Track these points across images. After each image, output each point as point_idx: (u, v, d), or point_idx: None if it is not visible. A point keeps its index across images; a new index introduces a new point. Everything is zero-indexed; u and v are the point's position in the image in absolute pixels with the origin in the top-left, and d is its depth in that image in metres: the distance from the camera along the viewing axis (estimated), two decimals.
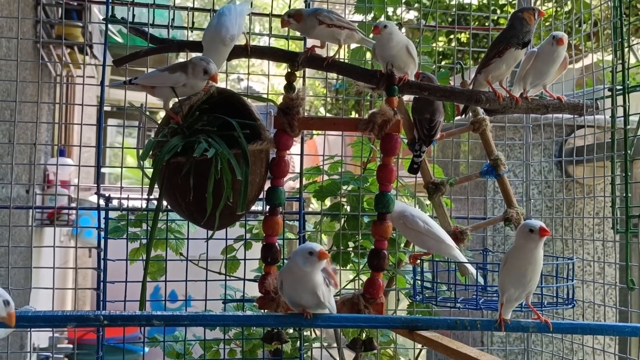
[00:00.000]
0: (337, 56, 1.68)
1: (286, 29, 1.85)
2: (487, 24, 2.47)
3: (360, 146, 2.33)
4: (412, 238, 1.80)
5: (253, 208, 1.97)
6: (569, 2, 2.42)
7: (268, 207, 1.65)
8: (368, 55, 2.28)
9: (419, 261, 1.77)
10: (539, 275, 1.46)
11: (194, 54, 1.73)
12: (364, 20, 2.33)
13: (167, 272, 2.17)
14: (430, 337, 1.53)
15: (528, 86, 1.76)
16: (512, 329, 1.43)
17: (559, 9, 2.45)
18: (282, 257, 1.85)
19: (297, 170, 2.28)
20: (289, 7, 2.13)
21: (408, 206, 1.80)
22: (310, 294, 1.38)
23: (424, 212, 1.85)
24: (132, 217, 2.19)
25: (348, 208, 2.32)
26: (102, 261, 2.08)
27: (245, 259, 2.22)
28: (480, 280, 1.89)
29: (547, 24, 2.42)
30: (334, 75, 1.89)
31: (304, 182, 2.34)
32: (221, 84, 1.88)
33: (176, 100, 1.64)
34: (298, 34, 1.93)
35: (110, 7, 2.09)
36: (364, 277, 2.18)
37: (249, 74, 2.38)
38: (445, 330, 1.50)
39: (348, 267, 2.29)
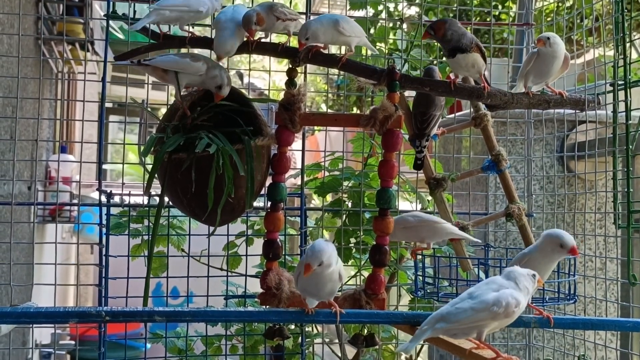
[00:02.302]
0: (287, 43, 1.69)
1: None
2: (488, 19, 2.46)
3: (360, 142, 2.33)
4: (408, 236, 1.80)
5: (254, 204, 1.97)
6: None
7: (269, 203, 1.65)
8: (368, 51, 2.28)
9: (419, 256, 1.77)
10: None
11: (195, 50, 1.73)
12: (365, 17, 2.33)
13: (168, 268, 2.17)
14: None
15: (530, 84, 1.76)
16: (514, 325, 1.43)
17: (560, 4, 2.44)
18: (283, 253, 1.85)
19: (299, 166, 2.28)
20: (290, 4, 2.13)
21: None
22: (331, 282, 1.39)
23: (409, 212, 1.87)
24: (134, 214, 2.19)
25: (349, 204, 2.32)
26: (103, 257, 2.08)
27: (246, 255, 2.22)
28: (482, 275, 1.89)
29: (548, 19, 2.42)
30: (336, 71, 1.88)
31: (305, 178, 2.34)
32: None
33: (183, 89, 1.64)
34: None
35: (111, 3, 2.09)
36: (366, 273, 2.18)
37: (250, 69, 2.38)
38: None
39: (350, 263, 2.30)
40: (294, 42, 1.65)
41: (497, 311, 1.27)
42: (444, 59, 1.90)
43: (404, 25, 2.37)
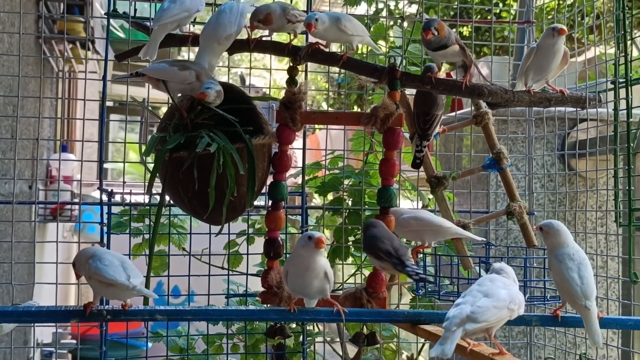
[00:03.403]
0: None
1: None
2: (489, 17, 2.46)
3: (359, 140, 2.33)
4: (410, 236, 1.81)
5: (255, 203, 1.97)
6: None
7: (270, 201, 1.65)
8: (367, 49, 2.27)
9: (420, 255, 1.77)
10: None
11: (196, 48, 1.73)
12: (366, 15, 2.32)
13: (169, 267, 2.17)
14: (432, 331, 1.53)
15: (530, 81, 1.76)
16: (516, 323, 1.43)
17: (561, 1, 2.44)
18: (284, 252, 1.85)
19: (300, 164, 2.28)
20: (290, 2, 2.13)
21: (398, 209, 1.79)
22: (317, 278, 1.40)
23: (416, 209, 1.86)
24: (135, 213, 2.19)
25: (350, 202, 2.32)
26: None
27: (247, 254, 2.22)
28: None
29: (549, 17, 2.42)
30: (336, 69, 1.88)
31: (306, 177, 2.33)
32: (222, 78, 1.88)
33: (179, 94, 1.64)
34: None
35: (111, 1, 2.08)
36: (366, 272, 2.18)
37: (250, 68, 2.38)
38: None
39: (350, 261, 2.29)
40: (295, 42, 1.65)
41: (513, 308, 1.31)
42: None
43: (405, 24, 2.36)
